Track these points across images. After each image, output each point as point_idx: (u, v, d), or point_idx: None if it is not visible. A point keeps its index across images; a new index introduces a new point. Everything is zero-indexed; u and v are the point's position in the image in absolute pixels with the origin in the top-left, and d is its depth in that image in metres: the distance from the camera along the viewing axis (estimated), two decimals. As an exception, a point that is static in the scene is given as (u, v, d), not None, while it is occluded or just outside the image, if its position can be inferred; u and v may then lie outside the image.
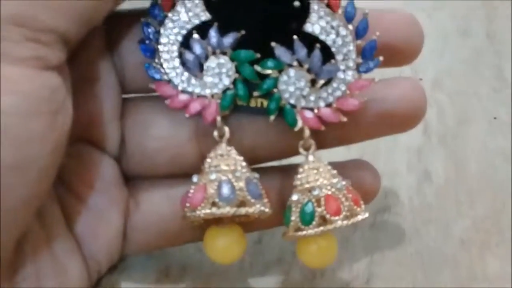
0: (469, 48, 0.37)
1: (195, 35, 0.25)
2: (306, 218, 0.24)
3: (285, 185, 0.26)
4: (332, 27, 0.24)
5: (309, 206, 0.24)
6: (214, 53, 0.25)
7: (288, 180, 0.26)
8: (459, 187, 0.31)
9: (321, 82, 0.25)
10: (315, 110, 0.25)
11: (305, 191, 0.25)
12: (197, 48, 0.25)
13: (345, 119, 0.25)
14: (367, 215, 0.25)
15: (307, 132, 0.25)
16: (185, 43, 0.25)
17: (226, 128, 0.25)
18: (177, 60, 0.25)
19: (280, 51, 0.25)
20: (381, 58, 0.24)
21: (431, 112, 0.34)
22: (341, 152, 0.28)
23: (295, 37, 0.24)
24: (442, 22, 0.38)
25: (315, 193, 0.24)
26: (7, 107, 0.20)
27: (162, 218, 0.27)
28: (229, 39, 0.25)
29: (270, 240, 0.29)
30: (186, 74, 0.25)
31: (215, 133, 0.25)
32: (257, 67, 0.25)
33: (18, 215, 0.22)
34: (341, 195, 0.25)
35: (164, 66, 0.25)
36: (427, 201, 0.31)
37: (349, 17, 0.24)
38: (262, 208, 0.24)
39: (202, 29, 0.25)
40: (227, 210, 0.24)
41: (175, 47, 0.25)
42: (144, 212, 0.27)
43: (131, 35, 0.26)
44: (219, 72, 0.25)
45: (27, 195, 0.22)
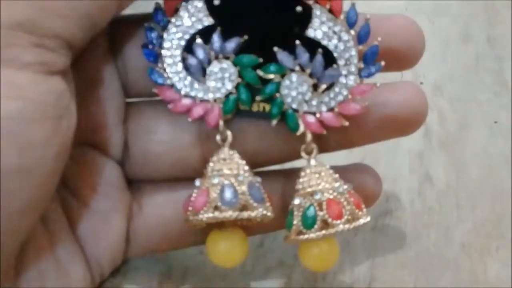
0: (470, 53, 0.37)
1: (198, 40, 0.25)
2: (308, 222, 0.24)
3: (287, 189, 0.26)
4: (334, 32, 0.25)
5: (311, 210, 0.24)
6: (217, 58, 0.25)
7: (290, 184, 0.26)
8: (460, 191, 0.32)
9: (323, 87, 0.25)
10: (317, 115, 0.25)
11: (307, 195, 0.25)
12: (200, 53, 0.25)
13: (347, 124, 0.25)
14: (369, 219, 0.25)
15: (309, 136, 0.25)
16: (188, 48, 0.25)
17: (229, 132, 0.25)
18: (180, 65, 0.25)
19: (283, 56, 0.25)
20: (383, 63, 0.25)
21: (432, 116, 0.34)
22: (343, 156, 0.28)
23: (298, 42, 0.24)
24: (444, 27, 0.38)
25: (317, 197, 0.24)
26: (13, 112, 0.20)
27: (165, 222, 0.27)
28: (232, 44, 0.25)
29: (272, 243, 0.29)
30: (189, 79, 0.25)
31: (218, 137, 0.25)
32: (260, 72, 0.25)
33: (22, 219, 0.22)
34: (343, 199, 0.25)
35: (167, 71, 0.25)
36: (428, 205, 0.31)
37: (351, 23, 0.24)
38: (265, 212, 0.24)
39: (205, 34, 0.25)
40: (230, 214, 0.24)
41: (178, 52, 0.25)
42: (147, 216, 0.27)
43: (135, 40, 0.26)
44: (222, 77, 0.25)
45: (31, 199, 0.22)
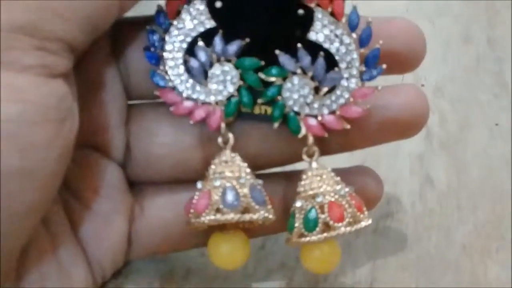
0: (471, 54, 0.37)
1: (200, 43, 0.25)
2: (310, 225, 0.24)
3: (288, 191, 0.26)
4: (336, 36, 0.25)
5: (313, 213, 0.24)
6: (219, 61, 0.25)
7: (292, 186, 0.26)
8: (461, 193, 0.32)
9: (325, 90, 0.25)
10: (319, 117, 0.25)
11: (309, 198, 0.25)
12: (202, 56, 0.25)
13: (349, 126, 0.25)
14: (370, 222, 0.25)
15: (311, 139, 0.25)
16: (190, 51, 0.25)
17: (231, 135, 0.25)
18: (182, 67, 0.25)
19: (284, 59, 0.25)
20: (384, 66, 0.25)
21: (433, 118, 0.34)
22: (344, 158, 0.28)
23: (299, 45, 0.25)
24: (444, 29, 0.38)
25: (319, 200, 0.24)
26: (13, 115, 0.20)
27: (166, 224, 0.27)
28: (234, 47, 0.25)
29: (273, 246, 0.29)
30: (191, 81, 0.25)
31: (220, 140, 0.25)
32: (261, 75, 0.25)
33: (24, 221, 0.22)
34: (345, 202, 0.25)
35: (169, 73, 0.25)
36: (429, 207, 0.31)
37: (353, 26, 0.24)
38: (266, 215, 0.24)
39: (207, 37, 0.25)
40: (232, 217, 0.24)
41: (180, 54, 0.25)
42: (149, 218, 0.27)
43: (137, 42, 0.26)
44: (224, 79, 0.25)
45: (33, 202, 0.22)
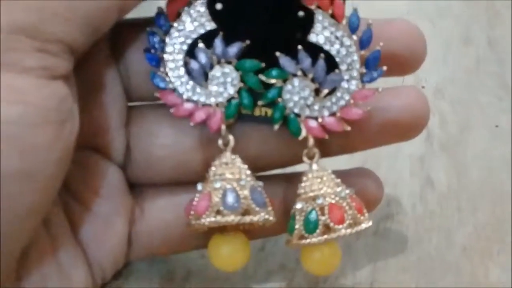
0: (471, 56, 0.37)
1: (201, 45, 0.25)
2: (310, 227, 0.24)
3: (289, 193, 0.26)
4: (337, 37, 0.25)
5: (313, 215, 0.24)
6: (219, 62, 0.25)
7: (292, 188, 0.26)
8: (461, 195, 0.32)
9: (325, 92, 0.25)
10: (319, 119, 0.25)
11: (309, 200, 0.25)
12: (202, 58, 0.25)
13: (349, 128, 0.25)
14: (371, 224, 0.25)
15: (311, 141, 0.25)
16: (190, 53, 0.25)
17: (231, 137, 0.25)
18: (182, 69, 0.25)
19: (285, 61, 0.25)
20: (385, 68, 0.25)
21: (433, 120, 0.34)
22: (344, 160, 0.28)
23: (300, 47, 0.24)
24: (445, 30, 0.38)
25: (319, 202, 0.24)
26: (13, 117, 0.20)
27: (167, 225, 0.27)
28: (234, 49, 0.25)
29: (273, 247, 0.29)
30: (191, 83, 0.25)
31: (220, 142, 0.25)
32: (262, 77, 0.25)
33: (24, 223, 0.22)
34: (345, 204, 0.25)
35: (169, 75, 0.25)
36: (430, 209, 0.31)
37: (353, 28, 0.24)
38: (267, 217, 0.24)
39: (207, 39, 0.25)
40: (232, 219, 0.24)
41: (180, 56, 0.25)
42: (149, 219, 0.27)
43: (137, 44, 0.26)
44: (224, 81, 0.25)
45: (33, 204, 0.22)
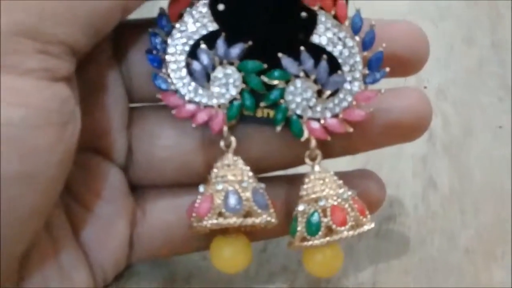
0: (474, 57, 0.37)
1: (203, 46, 0.25)
2: (312, 229, 0.24)
3: (291, 195, 0.26)
4: (339, 38, 0.24)
5: (315, 217, 0.24)
6: (221, 64, 0.25)
7: (294, 190, 0.26)
8: (464, 196, 0.31)
9: (328, 93, 0.25)
10: (322, 121, 0.25)
11: (311, 201, 0.25)
12: (204, 59, 0.25)
13: (351, 130, 0.25)
14: (373, 226, 0.25)
15: (313, 143, 0.25)
16: (193, 54, 0.25)
17: (233, 138, 0.25)
18: (184, 70, 0.25)
19: (287, 62, 0.25)
20: (387, 70, 0.25)
21: (436, 121, 0.34)
22: (346, 160, 0.28)
23: (302, 48, 0.24)
24: (447, 31, 0.38)
25: (321, 204, 0.24)
26: (15, 119, 0.20)
27: (169, 227, 0.27)
28: (236, 50, 0.25)
29: (275, 249, 0.29)
30: (193, 84, 0.25)
31: (222, 143, 0.25)
32: (264, 78, 0.25)
33: (26, 226, 0.22)
34: (347, 206, 0.25)
35: (171, 76, 0.25)
36: (432, 210, 0.31)
37: (356, 29, 0.24)
38: (269, 219, 0.24)
39: (210, 40, 0.25)
40: (234, 221, 0.24)
41: (183, 57, 0.25)
42: (151, 221, 0.27)
43: (139, 45, 0.26)
44: (226, 83, 0.25)
45: (35, 206, 0.22)
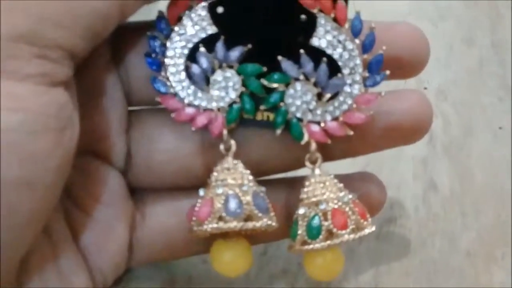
0: (474, 58, 0.37)
1: (202, 49, 0.25)
2: (313, 232, 0.24)
3: (291, 198, 0.26)
4: (339, 41, 0.24)
5: (316, 220, 0.24)
6: (221, 67, 0.25)
7: (294, 193, 0.26)
8: (464, 198, 0.31)
9: (328, 96, 0.25)
10: (322, 124, 0.25)
11: (312, 205, 0.25)
12: (204, 62, 0.25)
13: (352, 133, 0.25)
14: (374, 229, 0.25)
15: (314, 146, 0.25)
16: (192, 57, 0.25)
17: (233, 142, 0.25)
18: (184, 74, 0.25)
19: (287, 65, 0.25)
20: (388, 72, 0.24)
21: (436, 122, 0.34)
22: (346, 162, 0.28)
23: (302, 51, 0.24)
24: (447, 31, 0.38)
25: (322, 207, 0.24)
26: (13, 124, 0.20)
27: (168, 231, 0.26)
28: (236, 53, 0.25)
29: (276, 252, 0.29)
30: (193, 88, 0.25)
31: (222, 147, 0.25)
32: (264, 81, 0.25)
33: (25, 231, 0.22)
34: (348, 209, 0.24)
35: (171, 79, 0.25)
36: (433, 212, 0.31)
37: (356, 31, 0.24)
38: (269, 222, 0.24)
39: (209, 43, 0.25)
40: (234, 225, 0.24)
41: (182, 61, 0.25)
42: (150, 225, 0.27)
43: (137, 48, 0.26)
44: (226, 86, 0.25)
45: (34, 211, 0.22)
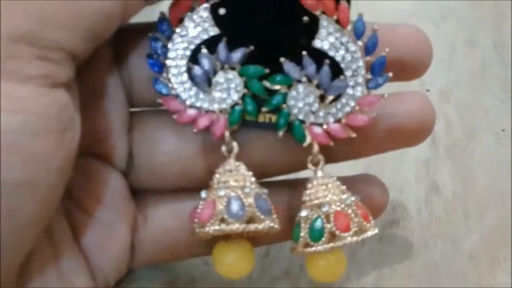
0: (477, 59, 0.37)
1: (204, 50, 0.25)
2: (316, 235, 0.24)
3: (293, 200, 0.26)
4: (342, 43, 0.24)
5: (319, 223, 0.24)
6: (223, 68, 0.25)
7: (296, 195, 0.26)
8: (467, 200, 0.31)
9: (330, 98, 0.25)
10: (324, 126, 0.25)
11: (314, 207, 0.24)
12: (206, 63, 0.25)
13: (354, 135, 0.25)
14: (377, 231, 0.25)
15: (316, 148, 0.25)
16: (194, 58, 0.25)
17: (235, 143, 0.25)
18: (185, 75, 0.25)
19: (289, 67, 0.24)
20: (390, 74, 0.24)
21: (439, 124, 0.34)
22: (349, 164, 0.27)
23: (304, 53, 0.24)
24: (449, 32, 0.38)
25: (325, 209, 0.24)
26: (14, 126, 0.20)
27: (170, 233, 0.26)
28: (238, 54, 0.25)
29: (278, 253, 0.29)
30: (194, 89, 0.25)
31: (224, 148, 0.25)
32: (266, 83, 0.25)
33: (26, 233, 0.22)
34: (351, 211, 0.24)
35: (172, 81, 0.25)
36: (436, 214, 0.31)
37: (359, 33, 0.24)
38: (272, 224, 0.24)
39: (211, 44, 0.25)
40: (236, 227, 0.24)
41: (183, 62, 0.25)
42: (152, 226, 0.27)
43: (139, 50, 0.26)
44: (228, 87, 0.25)
45: (35, 213, 0.21)
